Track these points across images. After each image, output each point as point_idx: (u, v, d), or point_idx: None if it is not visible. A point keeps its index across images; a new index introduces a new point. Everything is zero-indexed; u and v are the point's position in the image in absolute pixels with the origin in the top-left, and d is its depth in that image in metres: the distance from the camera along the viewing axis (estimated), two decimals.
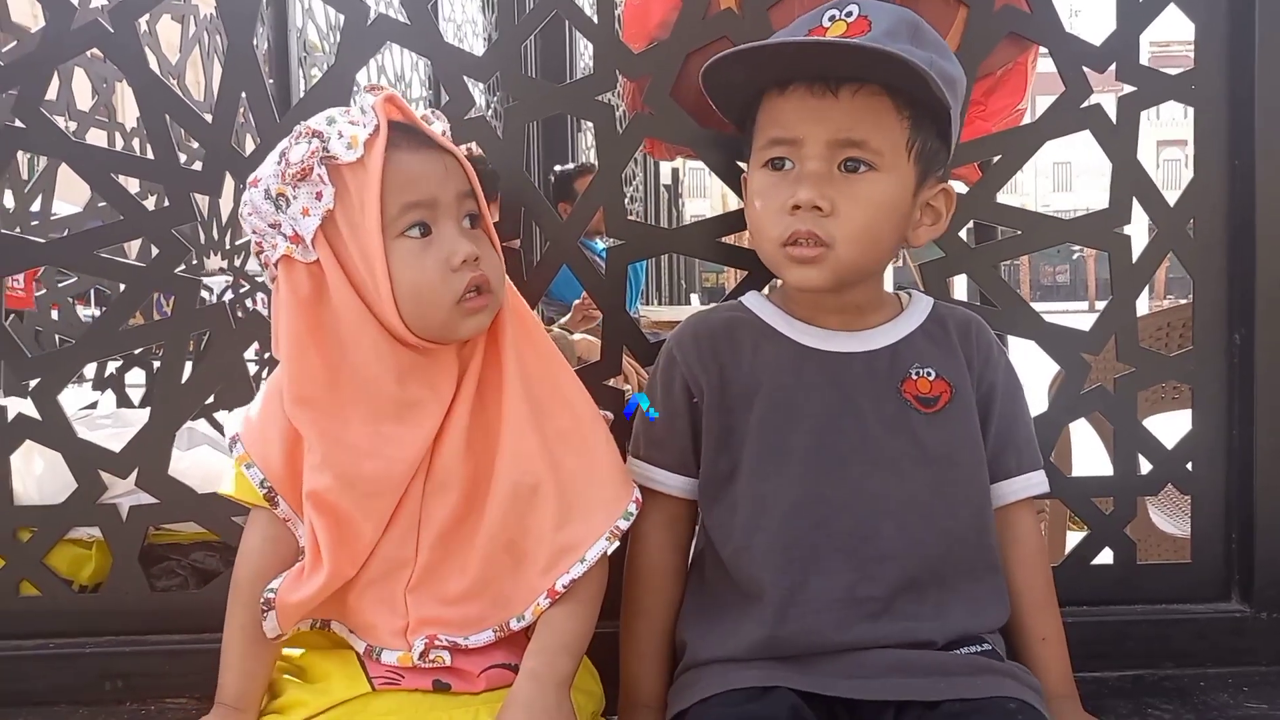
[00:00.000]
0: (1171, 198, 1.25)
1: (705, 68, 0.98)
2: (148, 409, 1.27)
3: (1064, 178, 38.15)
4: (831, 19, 0.96)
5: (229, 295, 2.81)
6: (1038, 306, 1.30)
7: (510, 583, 0.95)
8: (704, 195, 26.33)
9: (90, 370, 2.48)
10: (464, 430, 0.95)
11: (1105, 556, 1.27)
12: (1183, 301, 1.35)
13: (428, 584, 0.94)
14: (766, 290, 1.13)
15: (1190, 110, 1.24)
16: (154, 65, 1.50)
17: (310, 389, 0.93)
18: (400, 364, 0.93)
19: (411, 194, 0.90)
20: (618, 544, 0.94)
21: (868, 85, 0.93)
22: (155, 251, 1.22)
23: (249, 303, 2.97)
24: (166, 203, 1.21)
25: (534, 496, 0.94)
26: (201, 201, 1.37)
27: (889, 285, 1.09)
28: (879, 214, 0.95)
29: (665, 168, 8.96)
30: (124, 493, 1.24)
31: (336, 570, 0.91)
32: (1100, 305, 1.29)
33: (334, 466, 0.92)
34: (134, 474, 1.21)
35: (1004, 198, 1.24)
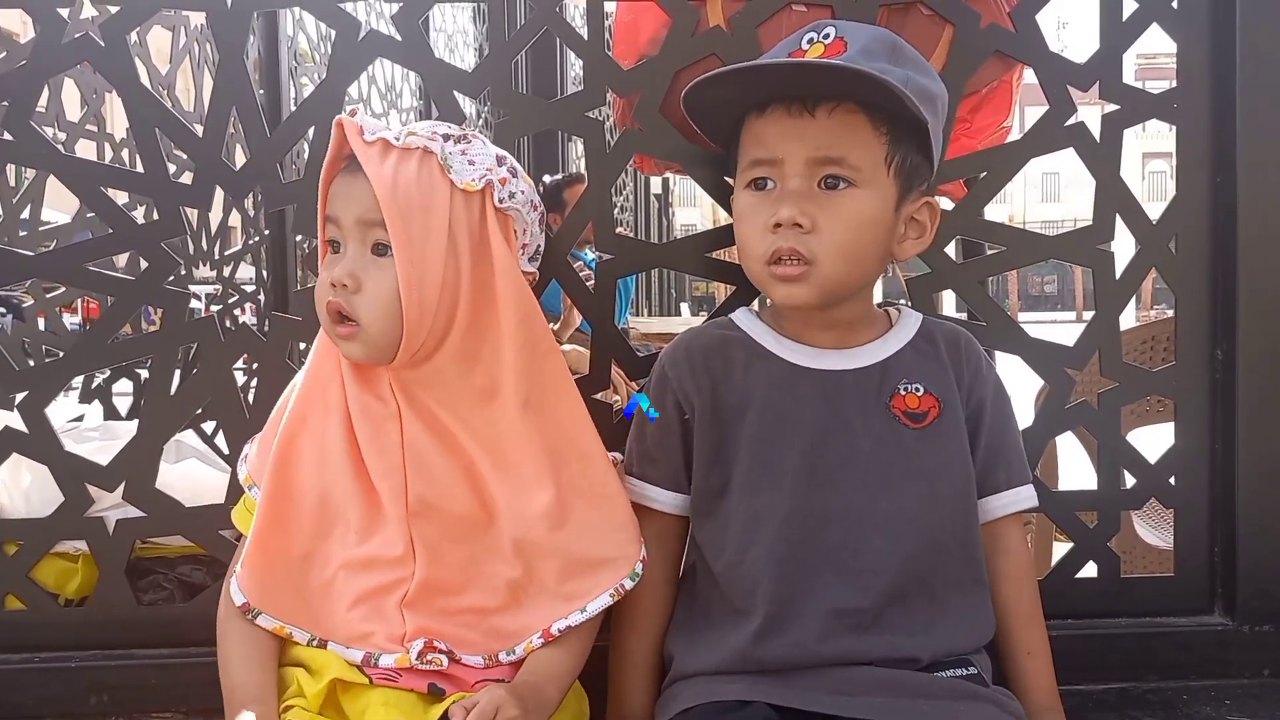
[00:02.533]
0: (1157, 209, 1.26)
1: (685, 93, 1.00)
2: (135, 421, 1.27)
3: (1052, 188, 38.39)
4: (810, 41, 0.98)
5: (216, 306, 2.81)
6: (1025, 317, 1.32)
7: (509, 618, 0.96)
8: (694, 204, 26.40)
9: (77, 380, 2.47)
10: (423, 455, 0.96)
11: (1090, 570, 1.28)
12: (1169, 312, 1.36)
13: (425, 600, 0.94)
14: (756, 305, 1.13)
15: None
16: (145, 77, 1.51)
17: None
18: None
19: (328, 209, 0.97)
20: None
21: (845, 104, 0.95)
22: (144, 264, 1.21)
23: (237, 313, 2.97)
24: (155, 215, 1.21)
25: (537, 551, 0.96)
26: (191, 210, 1.36)
27: (878, 296, 1.10)
28: (860, 229, 0.96)
29: (655, 177, 8.98)
30: (111, 506, 1.24)
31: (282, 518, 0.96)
32: (1087, 315, 1.30)
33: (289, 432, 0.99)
34: (121, 487, 1.21)
35: (992, 208, 1.26)
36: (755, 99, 0.98)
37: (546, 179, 3.58)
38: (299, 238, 2.67)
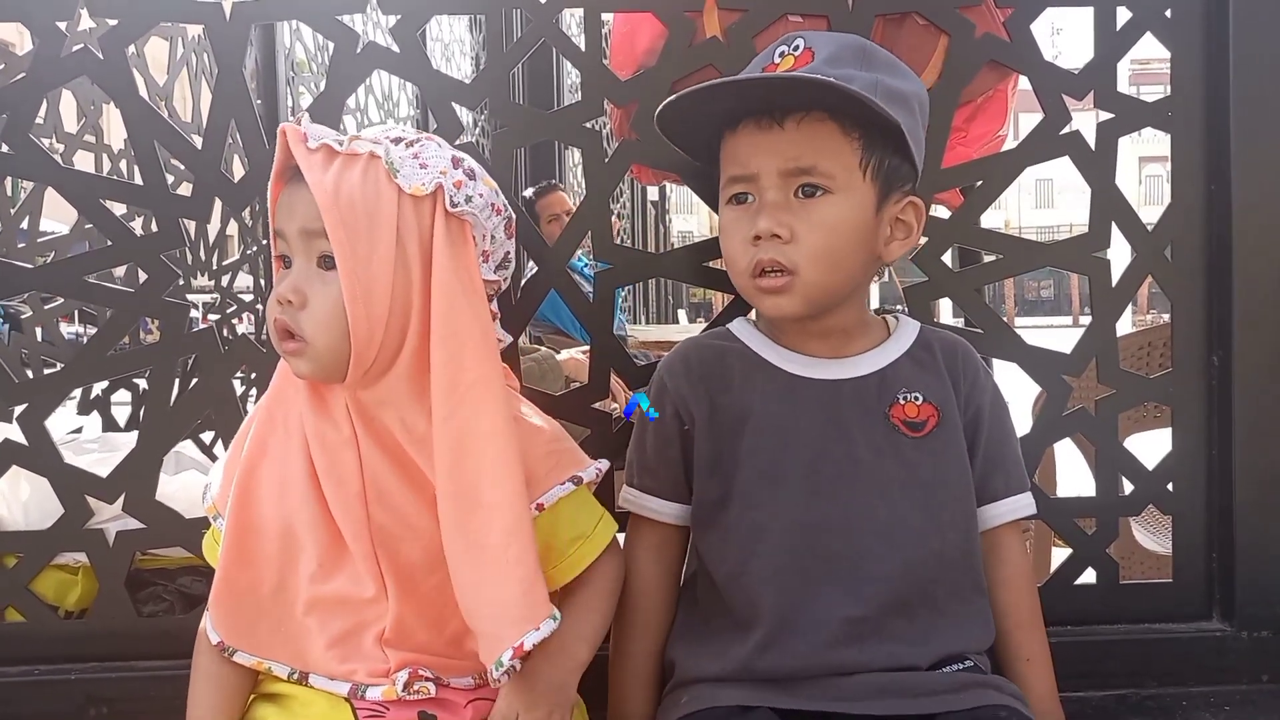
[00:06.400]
0: (1154, 213, 1.27)
1: (657, 117, 1.02)
2: (135, 433, 1.27)
3: (1046, 195, 38.46)
4: (781, 55, 0.99)
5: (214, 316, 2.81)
6: (1022, 321, 1.33)
7: None
8: (692, 212, 26.42)
9: (75, 391, 2.47)
10: (382, 483, 0.92)
11: (1088, 576, 1.29)
12: (1165, 317, 1.37)
13: (404, 636, 0.92)
14: (753, 315, 1.14)
15: None
16: (143, 89, 1.51)
17: None
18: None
19: (276, 222, 0.93)
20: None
21: (813, 113, 0.95)
22: (143, 276, 1.22)
23: (234, 322, 2.97)
24: (154, 227, 1.22)
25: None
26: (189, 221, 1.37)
27: (875, 302, 1.11)
28: (837, 235, 0.96)
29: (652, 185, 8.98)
30: (111, 518, 1.24)
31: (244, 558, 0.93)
32: (1084, 320, 1.30)
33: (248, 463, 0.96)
34: (121, 499, 1.21)
35: (986, 216, 1.26)
36: (726, 116, 0.99)
37: (525, 193, 3.58)
38: None
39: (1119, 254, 1.25)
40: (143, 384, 2.47)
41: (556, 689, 0.90)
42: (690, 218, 26.46)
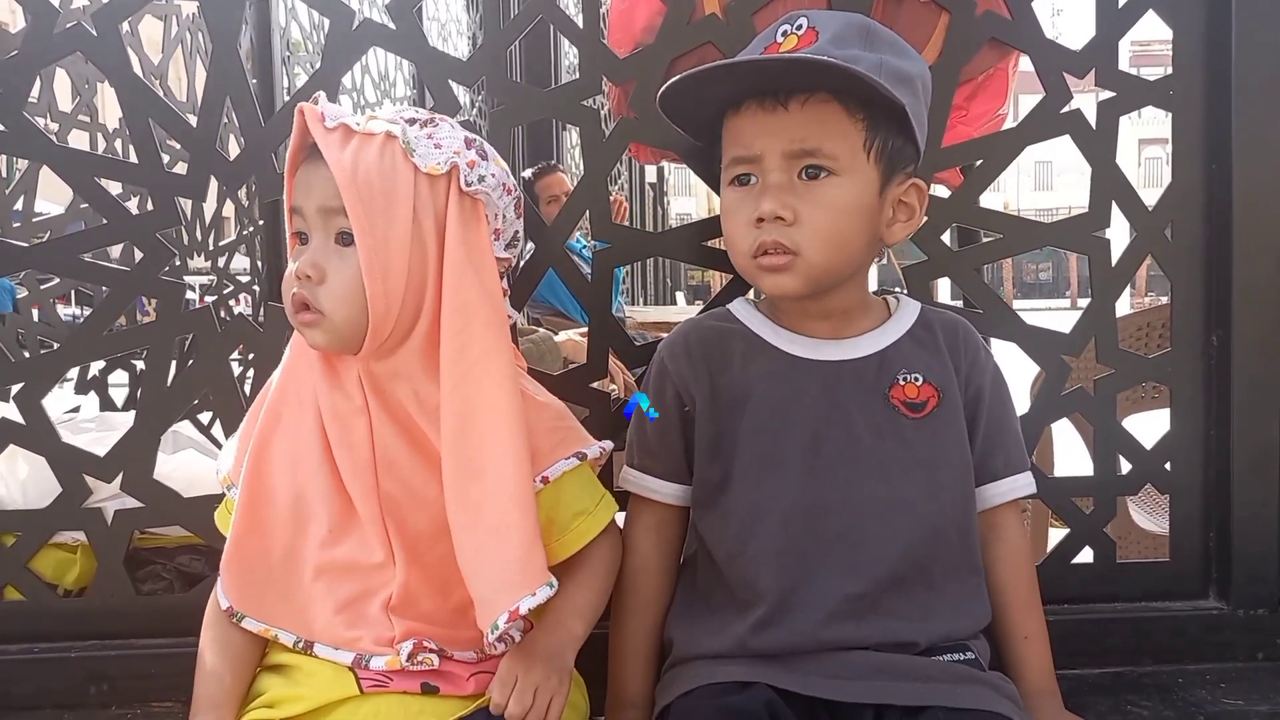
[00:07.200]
0: (1153, 195, 1.26)
1: (659, 98, 1.01)
2: (132, 412, 1.27)
3: (1045, 177, 38.40)
4: (784, 34, 0.98)
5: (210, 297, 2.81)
6: (1020, 304, 1.32)
7: None
8: (690, 194, 26.37)
9: (73, 371, 2.47)
10: (391, 453, 0.94)
11: (1086, 555, 1.29)
12: (1163, 299, 1.37)
13: (409, 603, 0.93)
14: (752, 295, 1.13)
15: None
16: (137, 67, 1.50)
17: None
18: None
19: (293, 199, 0.94)
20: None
21: (818, 94, 0.94)
22: (139, 255, 1.21)
23: (232, 303, 2.96)
24: (150, 206, 1.21)
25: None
26: (185, 201, 1.36)
27: (874, 284, 1.10)
28: (842, 217, 0.96)
29: (651, 165, 8.95)
30: (109, 497, 1.24)
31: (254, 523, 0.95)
32: (1082, 302, 1.30)
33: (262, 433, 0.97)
34: (119, 478, 1.21)
35: (985, 197, 1.26)
36: (730, 97, 0.98)
37: (524, 174, 3.57)
38: None
39: (1119, 234, 1.25)
40: (140, 364, 2.47)
41: (553, 655, 0.92)
42: (689, 199, 26.40)
